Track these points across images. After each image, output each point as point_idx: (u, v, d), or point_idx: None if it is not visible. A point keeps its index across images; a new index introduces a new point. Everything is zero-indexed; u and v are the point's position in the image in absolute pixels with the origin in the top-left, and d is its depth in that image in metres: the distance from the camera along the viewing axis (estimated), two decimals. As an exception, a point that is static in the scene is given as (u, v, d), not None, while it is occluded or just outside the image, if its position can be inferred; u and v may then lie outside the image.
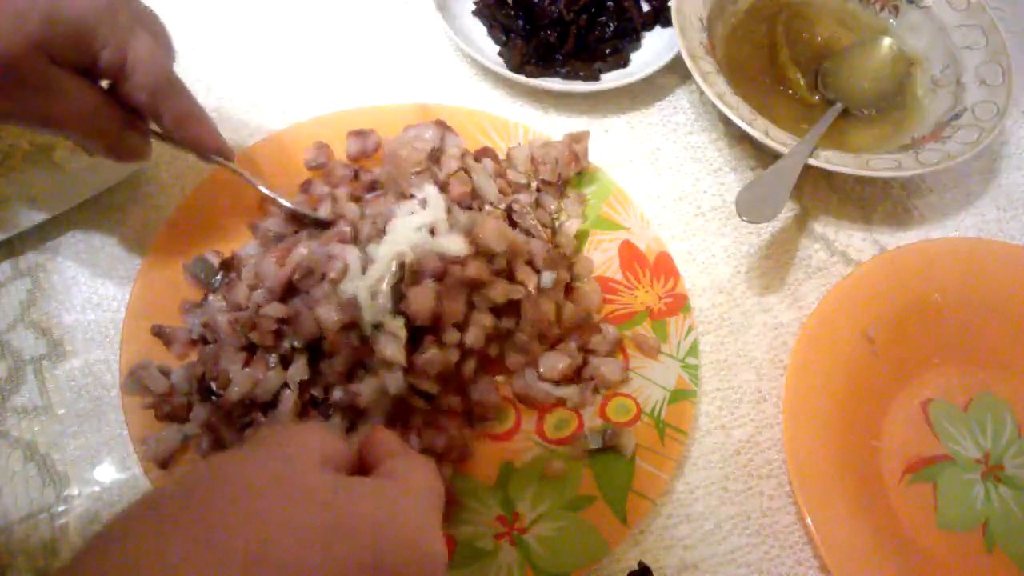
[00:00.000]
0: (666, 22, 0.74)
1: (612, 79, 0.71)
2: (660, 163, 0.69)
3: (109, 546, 0.30)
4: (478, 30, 0.74)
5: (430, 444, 0.51)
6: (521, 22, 0.72)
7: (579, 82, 0.70)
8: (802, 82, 0.71)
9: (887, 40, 0.73)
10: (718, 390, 0.59)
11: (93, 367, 0.56)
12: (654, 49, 0.74)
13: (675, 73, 0.73)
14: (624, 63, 0.72)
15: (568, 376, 0.55)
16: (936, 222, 0.70)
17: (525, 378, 0.56)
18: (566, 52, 0.71)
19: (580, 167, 0.63)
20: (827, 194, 0.70)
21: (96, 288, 0.59)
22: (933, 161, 0.63)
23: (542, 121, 0.70)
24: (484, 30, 0.74)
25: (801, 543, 0.54)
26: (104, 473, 0.52)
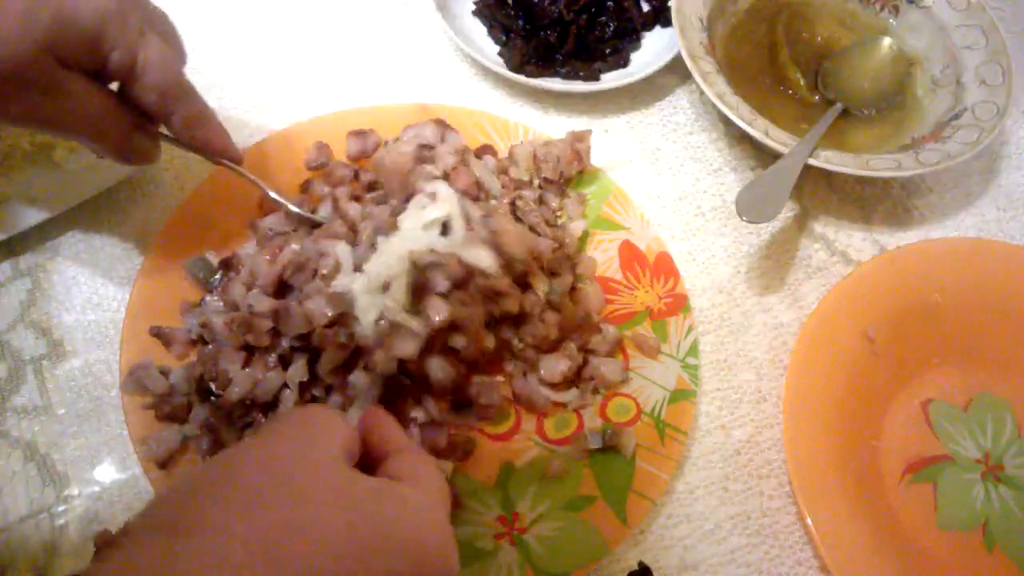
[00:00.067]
0: (666, 22, 0.74)
1: (612, 79, 0.71)
2: (660, 163, 0.69)
3: (143, 539, 0.30)
4: (478, 30, 0.74)
5: (432, 443, 0.52)
6: (521, 22, 0.72)
7: (579, 82, 0.70)
8: (802, 82, 0.71)
9: (887, 40, 0.73)
10: (718, 390, 0.59)
11: (93, 367, 0.56)
12: (654, 49, 0.74)
13: (675, 73, 0.73)
14: (624, 63, 0.72)
15: (569, 378, 0.55)
16: (936, 222, 0.70)
17: (526, 382, 0.55)
18: (566, 52, 0.71)
19: (582, 166, 0.63)
20: (827, 194, 0.70)
21: (96, 288, 0.59)
22: (933, 161, 0.63)
23: (542, 121, 0.70)
24: (484, 30, 0.74)
25: (801, 543, 0.54)
26: (104, 473, 0.52)
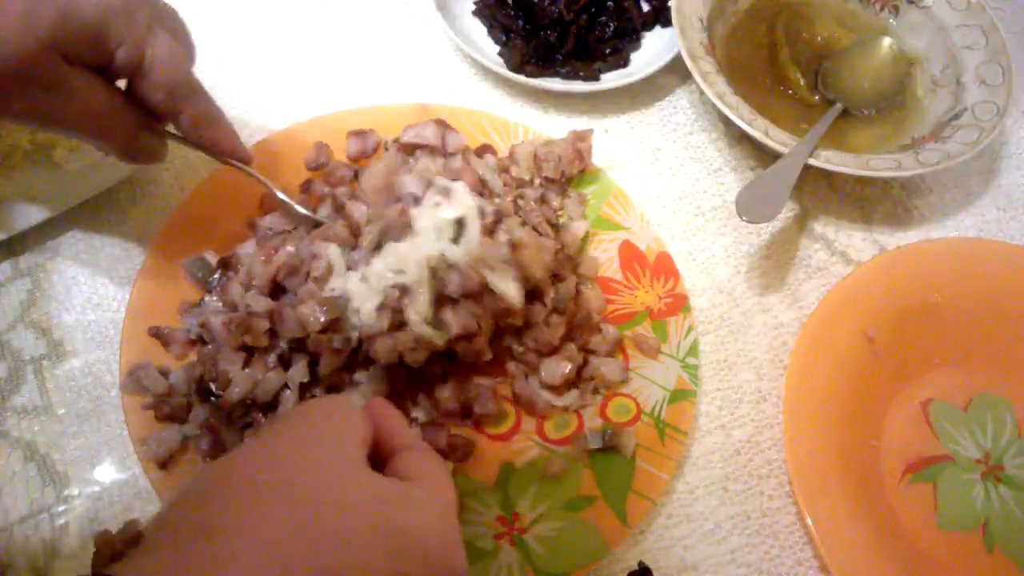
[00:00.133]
0: (666, 22, 0.74)
1: (612, 79, 0.71)
2: (660, 163, 0.69)
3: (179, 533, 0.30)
4: (478, 30, 0.74)
5: (432, 443, 0.51)
6: (521, 22, 0.72)
7: (579, 82, 0.70)
8: (802, 82, 0.71)
9: (887, 40, 0.73)
10: (718, 390, 0.59)
11: (93, 367, 0.56)
12: (654, 49, 0.74)
13: (675, 73, 0.73)
14: (624, 63, 0.72)
15: (570, 379, 0.55)
16: (936, 222, 0.70)
17: (527, 383, 0.55)
18: (566, 52, 0.71)
19: (583, 165, 0.63)
20: (827, 194, 0.70)
21: (96, 288, 0.59)
22: (933, 161, 0.63)
23: (542, 121, 0.70)
24: (484, 30, 0.74)
25: (801, 543, 0.54)
26: (104, 473, 0.52)
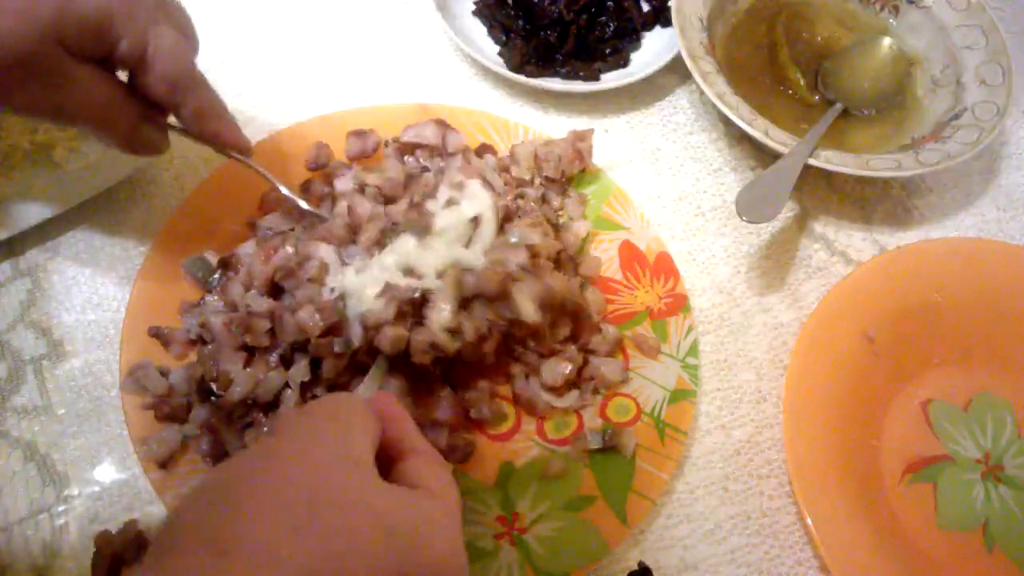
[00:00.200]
0: (666, 22, 0.74)
1: (612, 79, 0.71)
2: (660, 163, 0.69)
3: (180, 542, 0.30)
4: (478, 30, 0.74)
5: (431, 443, 0.51)
6: (521, 22, 0.72)
7: (579, 82, 0.70)
8: (802, 82, 0.71)
9: (887, 40, 0.73)
10: (718, 390, 0.59)
11: (93, 367, 0.56)
12: (654, 49, 0.74)
13: (675, 73, 0.73)
14: (624, 63, 0.72)
15: (570, 380, 0.55)
16: (936, 222, 0.70)
17: (527, 384, 0.55)
18: (566, 52, 0.71)
19: (584, 165, 0.63)
20: (827, 194, 0.70)
21: (96, 288, 0.59)
22: (933, 161, 0.63)
23: (542, 121, 0.70)
24: (484, 30, 0.74)
25: (801, 543, 0.54)
26: (104, 473, 0.52)
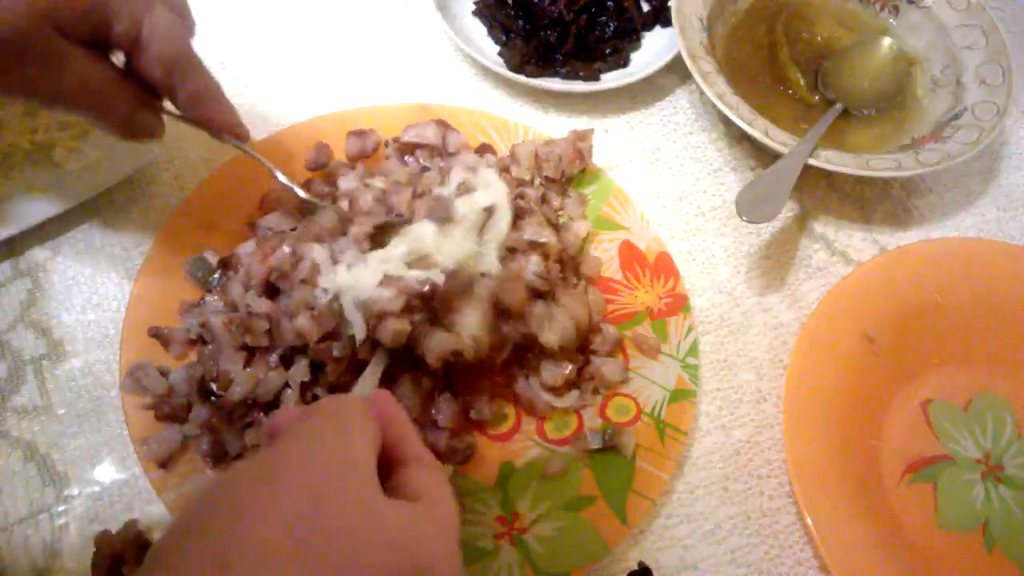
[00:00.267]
0: (666, 22, 0.74)
1: (612, 79, 0.71)
2: (660, 163, 0.69)
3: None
4: (478, 30, 0.74)
5: (431, 445, 0.51)
6: (521, 22, 0.72)
7: (579, 82, 0.70)
8: (802, 82, 0.71)
9: (887, 40, 0.73)
10: (718, 390, 0.59)
11: (93, 367, 0.56)
12: (654, 49, 0.74)
13: (675, 73, 0.73)
14: (624, 63, 0.73)
15: (571, 381, 0.55)
16: (936, 222, 0.70)
17: (528, 385, 0.55)
18: (566, 52, 0.71)
19: (584, 165, 0.63)
20: (827, 194, 0.70)
21: (96, 288, 0.59)
22: (933, 161, 0.63)
23: (542, 121, 0.70)
24: (484, 30, 0.74)
25: (801, 543, 0.54)
26: (104, 473, 0.52)
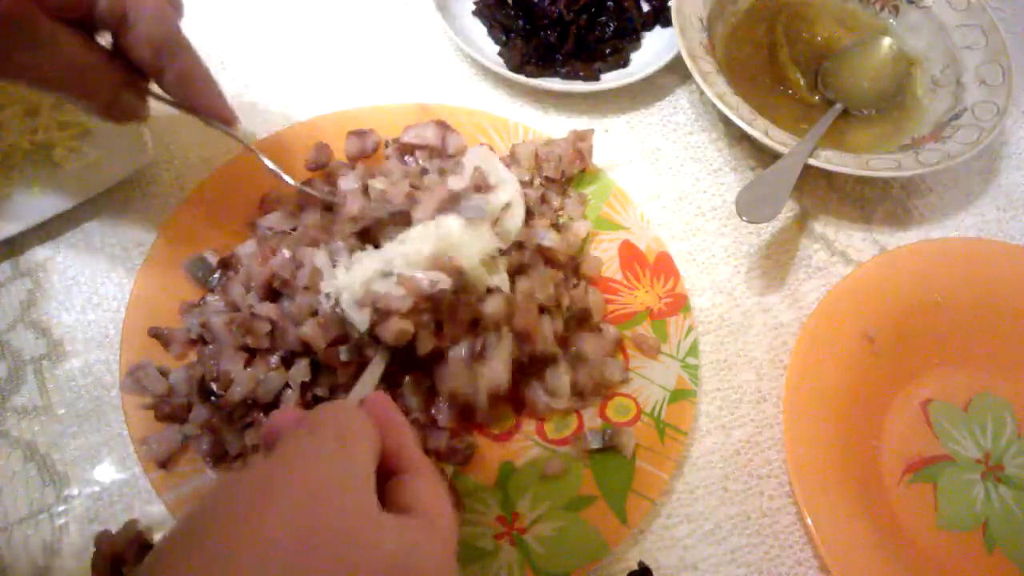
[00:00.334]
0: (666, 22, 0.74)
1: (612, 79, 0.71)
2: (660, 163, 0.69)
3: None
4: (478, 30, 0.74)
5: (431, 446, 0.51)
6: (521, 22, 0.72)
7: (579, 82, 0.70)
8: (802, 82, 0.71)
9: (887, 40, 0.73)
10: (718, 390, 0.59)
11: (93, 367, 0.56)
12: (654, 49, 0.74)
13: (675, 73, 0.73)
14: (624, 63, 0.72)
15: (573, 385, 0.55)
16: (936, 222, 0.70)
17: (531, 389, 0.55)
18: (566, 52, 0.71)
19: (584, 165, 0.63)
20: (827, 194, 0.70)
21: (96, 288, 0.59)
22: (933, 161, 0.63)
23: (542, 121, 0.70)
24: (484, 30, 0.74)
25: (801, 543, 0.54)
26: (104, 473, 0.52)
